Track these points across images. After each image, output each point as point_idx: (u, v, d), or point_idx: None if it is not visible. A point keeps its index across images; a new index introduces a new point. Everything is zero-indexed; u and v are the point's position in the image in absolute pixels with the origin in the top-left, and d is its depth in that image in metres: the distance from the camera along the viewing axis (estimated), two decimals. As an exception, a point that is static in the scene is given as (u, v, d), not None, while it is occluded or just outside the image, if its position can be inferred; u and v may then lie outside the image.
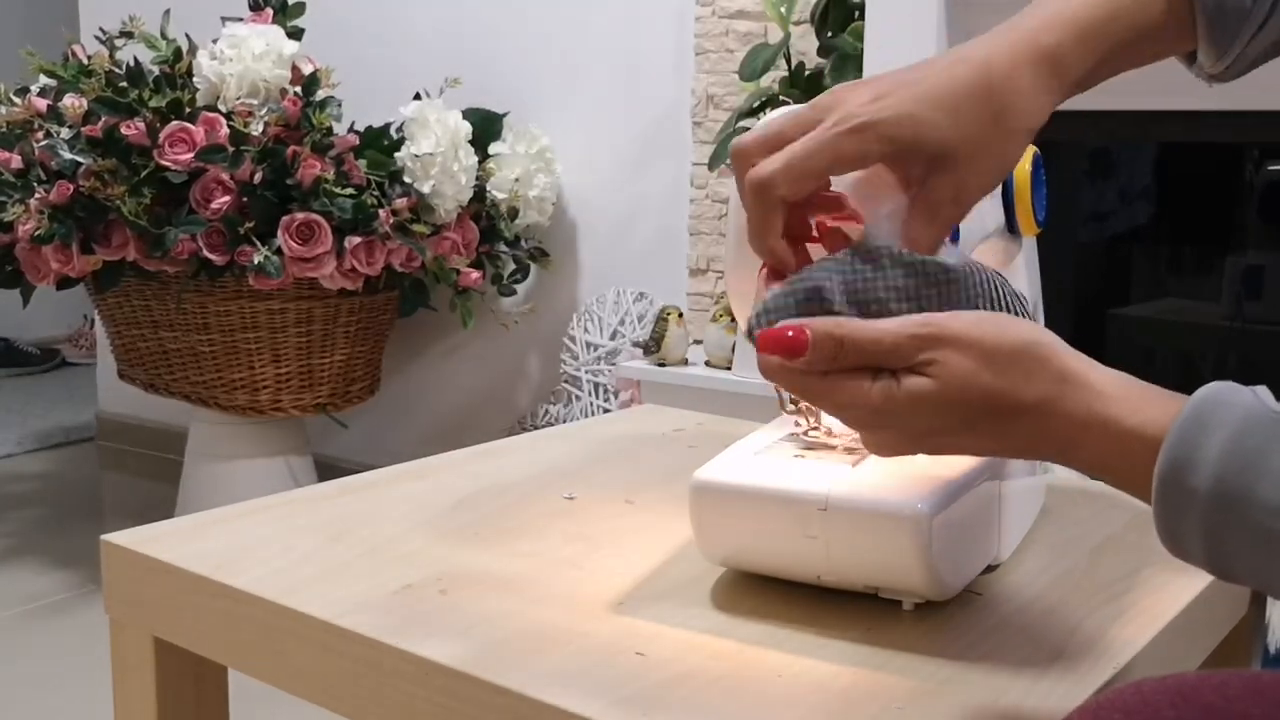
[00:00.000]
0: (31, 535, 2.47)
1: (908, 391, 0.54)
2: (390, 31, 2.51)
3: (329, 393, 2.19)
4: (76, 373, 3.89)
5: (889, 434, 0.56)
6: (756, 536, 0.67)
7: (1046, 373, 0.53)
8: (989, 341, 0.53)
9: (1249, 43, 0.59)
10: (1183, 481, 0.49)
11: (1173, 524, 0.50)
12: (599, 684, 0.58)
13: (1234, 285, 1.70)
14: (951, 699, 0.57)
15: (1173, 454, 0.49)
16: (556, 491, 0.89)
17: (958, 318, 0.55)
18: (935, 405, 0.54)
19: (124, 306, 2.14)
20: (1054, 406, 0.53)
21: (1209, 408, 0.49)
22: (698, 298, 2.16)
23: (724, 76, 2.09)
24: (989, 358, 0.53)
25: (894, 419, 0.55)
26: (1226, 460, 0.47)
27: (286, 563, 0.73)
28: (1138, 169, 1.75)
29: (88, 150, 1.89)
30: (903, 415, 0.54)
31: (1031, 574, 0.74)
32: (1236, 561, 0.49)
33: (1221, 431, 0.48)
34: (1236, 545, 0.48)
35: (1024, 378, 0.53)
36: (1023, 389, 0.53)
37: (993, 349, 0.53)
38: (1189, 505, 0.49)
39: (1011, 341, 0.53)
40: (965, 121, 0.56)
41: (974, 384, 0.53)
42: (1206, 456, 0.48)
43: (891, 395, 0.54)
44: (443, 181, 2.03)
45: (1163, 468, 0.49)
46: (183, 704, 0.78)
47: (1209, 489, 0.48)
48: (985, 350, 0.53)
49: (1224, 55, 0.60)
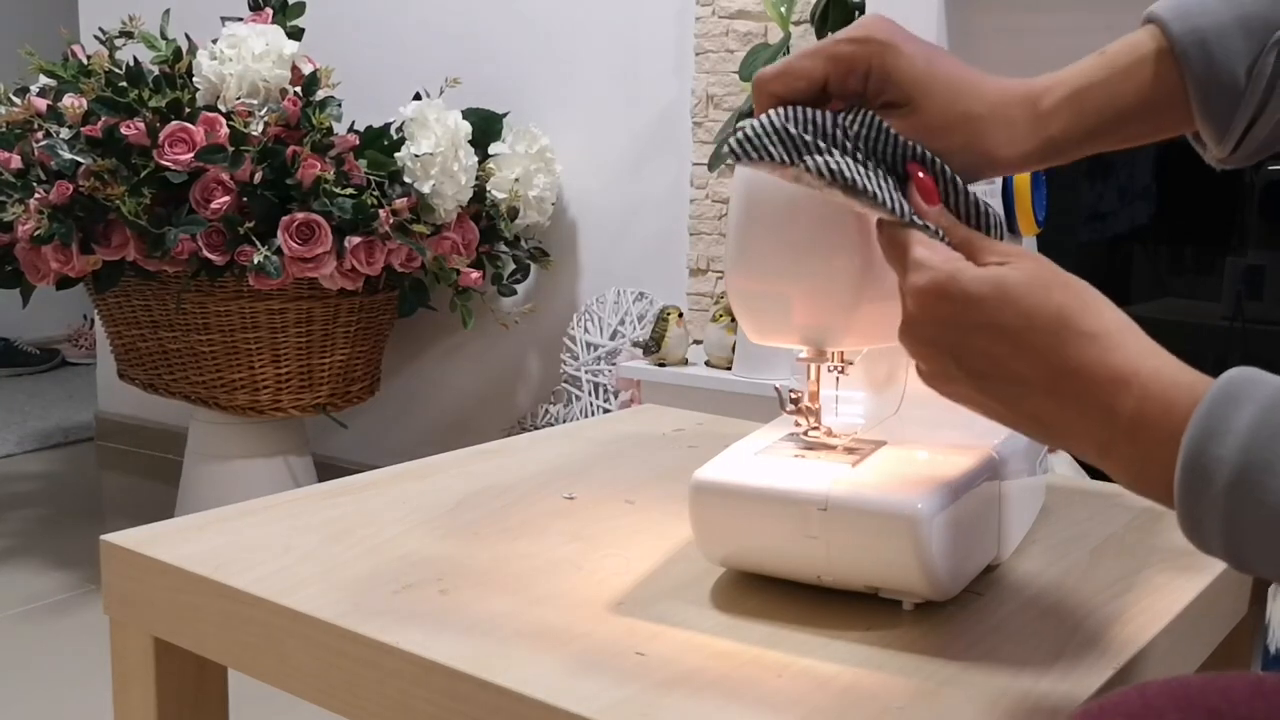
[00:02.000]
0: (31, 535, 2.47)
1: (994, 271, 0.56)
2: (390, 31, 2.51)
3: (329, 393, 2.19)
4: (76, 373, 3.89)
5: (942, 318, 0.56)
6: (756, 536, 0.67)
7: (1113, 313, 0.55)
8: (1065, 274, 0.56)
9: (1251, 126, 0.60)
10: (1210, 450, 0.48)
11: (1194, 494, 0.49)
12: (599, 684, 0.58)
13: (1234, 285, 1.70)
14: (951, 699, 0.57)
15: (1204, 422, 0.49)
16: (556, 491, 0.89)
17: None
18: (1010, 293, 0.55)
19: (124, 306, 2.14)
20: (1113, 342, 0.54)
21: (1240, 384, 0.49)
22: (698, 298, 2.16)
23: (724, 76, 2.09)
24: (1067, 281, 0.56)
25: (966, 293, 0.55)
26: (1255, 432, 0.47)
27: (286, 563, 0.73)
28: (1138, 169, 1.75)
29: (87, 150, 1.88)
30: (974, 292, 0.55)
31: (1031, 574, 0.74)
32: (1253, 538, 0.48)
33: (1252, 405, 0.48)
34: (1254, 520, 0.47)
35: (1093, 306, 0.55)
36: (1090, 315, 0.54)
37: (1071, 278, 0.56)
38: (1214, 474, 0.48)
39: (1088, 285, 0.56)
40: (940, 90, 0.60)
41: (1050, 290, 0.55)
42: (1236, 428, 0.48)
43: (974, 269, 0.56)
44: (443, 181, 2.03)
45: (1191, 435, 0.49)
46: (183, 704, 0.78)
47: (1235, 459, 0.48)
48: (1066, 276, 0.56)
49: (1225, 137, 0.61)
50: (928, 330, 0.57)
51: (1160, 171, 1.75)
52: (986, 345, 0.55)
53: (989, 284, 0.55)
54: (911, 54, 0.60)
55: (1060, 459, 1.46)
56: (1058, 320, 0.54)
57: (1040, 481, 0.84)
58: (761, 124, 0.60)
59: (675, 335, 1.93)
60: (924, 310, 0.57)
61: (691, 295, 2.17)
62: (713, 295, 2.13)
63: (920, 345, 0.57)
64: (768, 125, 0.60)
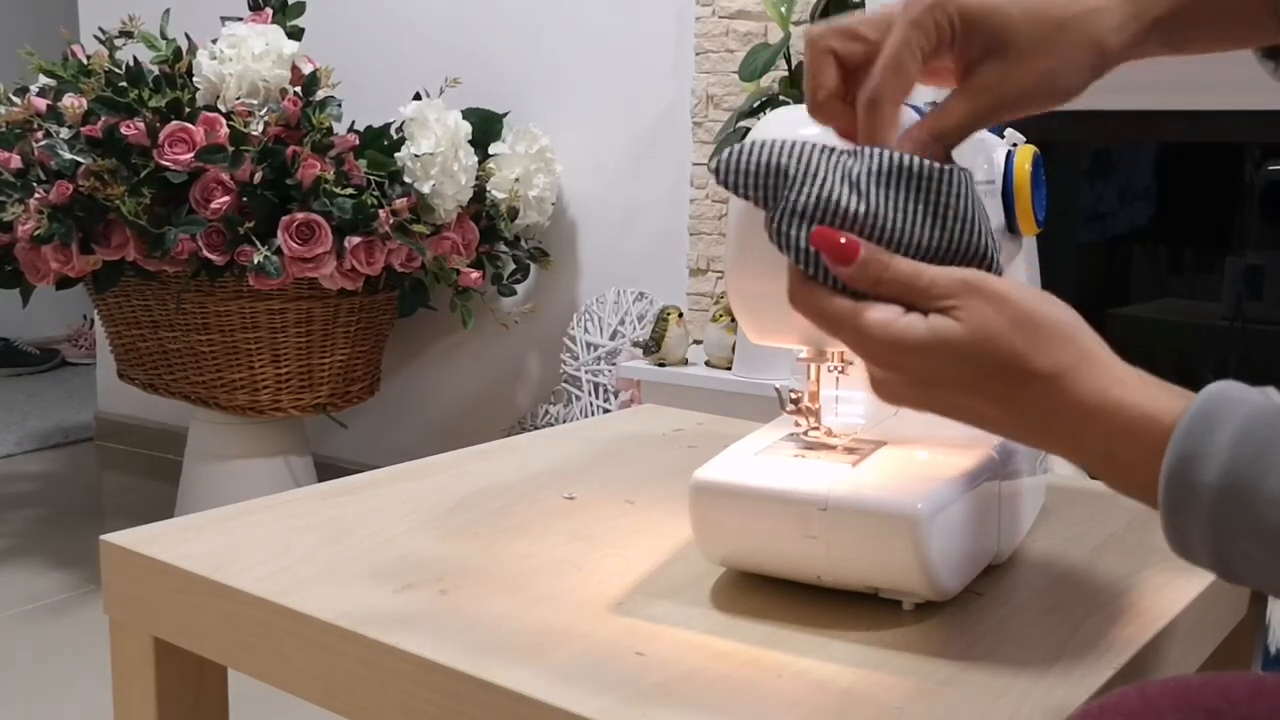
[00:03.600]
0: (31, 535, 2.47)
1: (932, 328, 0.54)
2: (390, 31, 2.51)
3: (329, 393, 2.19)
4: (76, 373, 3.89)
5: (900, 376, 0.56)
6: (756, 536, 0.67)
7: (1069, 347, 0.53)
8: (1022, 305, 0.53)
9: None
10: (1191, 475, 0.48)
11: (1179, 519, 0.49)
12: (599, 684, 0.58)
13: (1234, 285, 1.70)
14: (951, 699, 0.57)
15: (1181, 448, 0.49)
16: (556, 491, 0.89)
17: (1000, 280, 0.55)
18: (954, 350, 0.54)
19: (123, 306, 2.14)
20: (1069, 381, 0.52)
21: (1217, 403, 0.49)
22: (698, 298, 2.16)
23: (724, 76, 2.09)
24: (1017, 319, 0.53)
25: (910, 357, 0.55)
26: (1235, 454, 0.47)
27: (286, 563, 0.73)
28: (1138, 169, 1.75)
29: (87, 150, 1.88)
30: (920, 354, 0.54)
31: (1031, 574, 0.74)
32: (1241, 559, 0.48)
33: (1230, 426, 0.48)
34: (1242, 541, 0.48)
35: (1045, 345, 0.53)
36: (1041, 355, 0.53)
37: (1024, 312, 0.53)
38: (1196, 500, 0.48)
39: (1044, 312, 0.54)
40: (1037, 14, 0.57)
41: (996, 337, 0.53)
42: (1216, 450, 0.48)
43: (913, 328, 0.54)
44: (443, 181, 2.03)
45: (1171, 461, 0.49)
46: (183, 704, 0.78)
47: (1217, 483, 0.47)
48: (1017, 311, 0.53)
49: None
50: (893, 388, 0.57)
51: (1160, 172, 1.75)
52: (948, 396, 0.55)
53: (929, 341, 0.54)
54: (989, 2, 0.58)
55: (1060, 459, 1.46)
56: (1008, 367, 0.53)
57: (1040, 481, 0.84)
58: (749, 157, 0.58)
59: (675, 335, 1.93)
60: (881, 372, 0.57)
61: (691, 295, 2.17)
62: (713, 295, 2.13)
63: (892, 400, 0.58)
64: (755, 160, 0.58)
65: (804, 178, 0.58)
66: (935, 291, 0.55)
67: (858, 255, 0.56)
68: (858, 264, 0.56)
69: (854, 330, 0.56)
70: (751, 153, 0.59)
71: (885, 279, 0.56)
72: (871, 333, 0.55)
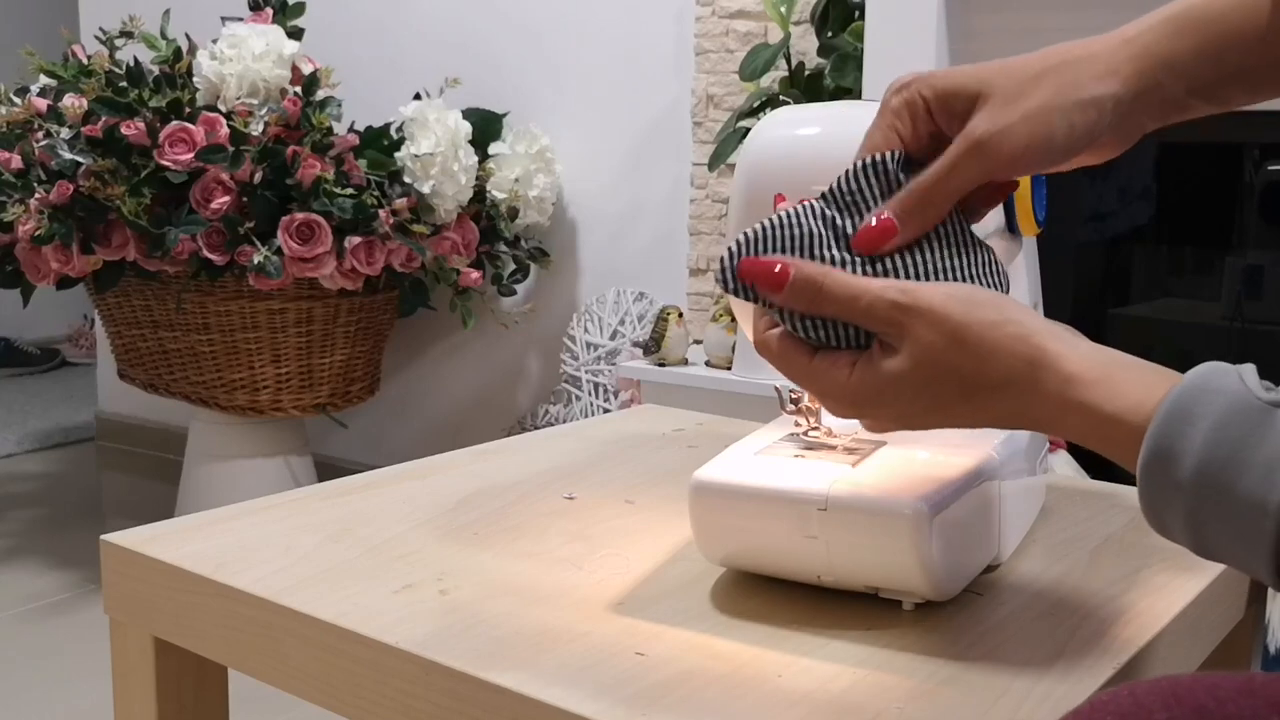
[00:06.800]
0: (31, 535, 2.47)
1: (879, 372, 0.55)
2: (390, 31, 2.51)
3: (329, 393, 2.19)
4: (76, 373, 3.89)
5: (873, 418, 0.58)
6: (756, 536, 0.67)
7: (1017, 354, 0.53)
8: (955, 318, 0.53)
9: None
10: (1166, 473, 0.49)
11: (1158, 508, 0.50)
12: (599, 684, 0.58)
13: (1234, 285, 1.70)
14: (951, 699, 0.57)
15: (1155, 444, 0.49)
16: (556, 491, 0.89)
17: (934, 289, 0.55)
18: (906, 385, 0.55)
19: (124, 306, 2.14)
20: (1025, 387, 0.53)
21: (1193, 395, 0.49)
22: (698, 298, 2.16)
23: (724, 76, 2.09)
24: (955, 336, 0.53)
25: (873, 405, 0.56)
26: (1209, 452, 0.47)
27: (286, 563, 0.73)
28: (1138, 169, 1.75)
29: (88, 150, 1.88)
30: (879, 397, 0.56)
31: (1031, 574, 0.74)
32: (1219, 549, 0.49)
33: (1204, 422, 0.48)
34: (1218, 535, 0.48)
35: (990, 357, 0.53)
36: (989, 368, 0.53)
37: (960, 325, 0.53)
38: (1172, 496, 0.49)
39: (980, 320, 0.53)
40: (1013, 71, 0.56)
41: (942, 363, 0.54)
42: (1189, 448, 0.48)
43: (866, 382, 0.55)
44: (443, 181, 2.03)
45: (1145, 458, 0.49)
46: (183, 704, 0.78)
47: (1191, 481, 0.48)
48: (953, 327, 0.53)
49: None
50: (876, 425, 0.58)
51: (1160, 172, 1.75)
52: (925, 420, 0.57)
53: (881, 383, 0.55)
54: (948, 69, 0.58)
55: (1060, 459, 1.46)
56: (961, 385, 0.54)
57: (1040, 481, 0.84)
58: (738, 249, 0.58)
59: (675, 335, 1.93)
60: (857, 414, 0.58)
61: (691, 295, 2.17)
62: (713, 295, 2.13)
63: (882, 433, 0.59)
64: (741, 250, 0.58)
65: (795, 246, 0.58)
66: (874, 316, 0.55)
67: (788, 279, 0.56)
68: (788, 290, 0.56)
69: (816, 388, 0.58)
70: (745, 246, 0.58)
71: (821, 301, 0.56)
72: (830, 389, 0.57)
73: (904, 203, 0.58)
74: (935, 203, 0.58)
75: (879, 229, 0.57)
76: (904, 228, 0.57)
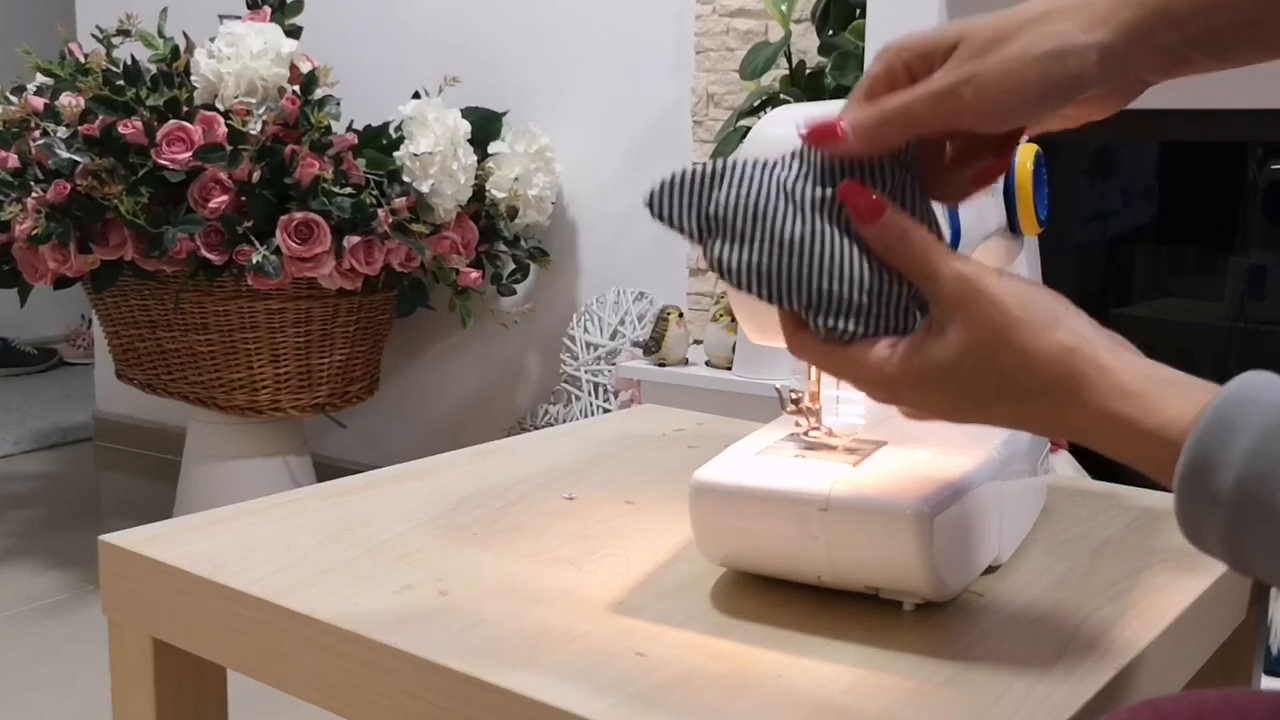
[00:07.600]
0: (29, 535, 2.47)
1: (926, 359, 0.54)
2: (389, 30, 2.50)
3: (328, 393, 2.19)
4: (74, 373, 3.89)
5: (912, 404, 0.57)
6: (757, 537, 0.67)
7: (1066, 363, 0.52)
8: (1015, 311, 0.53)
9: None
10: (1204, 484, 0.47)
11: (1194, 520, 0.48)
12: (599, 684, 0.58)
13: (1237, 285, 1.70)
14: (951, 699, 0.57)
15: (1194, 454, 0.47)
16: (556, 491, 0.89)
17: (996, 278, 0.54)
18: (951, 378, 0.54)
19: (122, 306, 2.13)
20: (1065, 397, 0.52)
21: (1235, 407, 0.47)
22: (698, 298, 2.16)
23: (724, 75, 2.09)
24: (1007, 334, 0.53)
25: (913, 389, 0.56)
26: (1251, 465, 0.46)
27: (286, 563, 0.73)
28: (1140, 168, 1.75)
29: (85, 149, 1.88)
30: (922, 384, 0.55)
31: (1032, 574, 0.73)
32: (1257, 563, 0.47)
33: (1247, 435, 0.46)
34: (1257, 549, 0.47)
35: (1038, 365, 0.52)
36: (1034, 374, 0.52)
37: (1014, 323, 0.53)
38: (1210, 508, 0.47)
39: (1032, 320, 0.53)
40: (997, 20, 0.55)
41: (987, 358, 0.53)
42: (1230, 460, 0.46)
43: (910, 363, 0.55)
44: (442, 181, 2.03)
45: (1184, 468, 0.48)
46: (182, 704, 0.78)
47: (1231, 494, 0.46)
48: (1007, 324, 0.53)
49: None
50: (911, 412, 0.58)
51: (1162, 171, 1.75)
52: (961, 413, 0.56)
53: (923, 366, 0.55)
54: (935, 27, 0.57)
55: (1061, 459, 1.46)
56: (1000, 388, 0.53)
57: (1041, 481, 0.84)
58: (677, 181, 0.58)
59: (675, 335, 1.93)
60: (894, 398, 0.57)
61: (691, 295, 2.17)
62: (713, 295, 2.13)
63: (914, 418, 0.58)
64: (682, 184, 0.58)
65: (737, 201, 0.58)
66: (935, 293, 0.55)
67: (882, 215, 0.56)
68: (879, 225, 0.56)
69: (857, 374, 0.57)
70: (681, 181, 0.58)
71: (900, 248, 0.56)
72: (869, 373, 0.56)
73: (859, 115, 0.57)
74: (891, 124, 0.56)
75: (829, 126, 0.57)
76: (854, 136, 0.57)
